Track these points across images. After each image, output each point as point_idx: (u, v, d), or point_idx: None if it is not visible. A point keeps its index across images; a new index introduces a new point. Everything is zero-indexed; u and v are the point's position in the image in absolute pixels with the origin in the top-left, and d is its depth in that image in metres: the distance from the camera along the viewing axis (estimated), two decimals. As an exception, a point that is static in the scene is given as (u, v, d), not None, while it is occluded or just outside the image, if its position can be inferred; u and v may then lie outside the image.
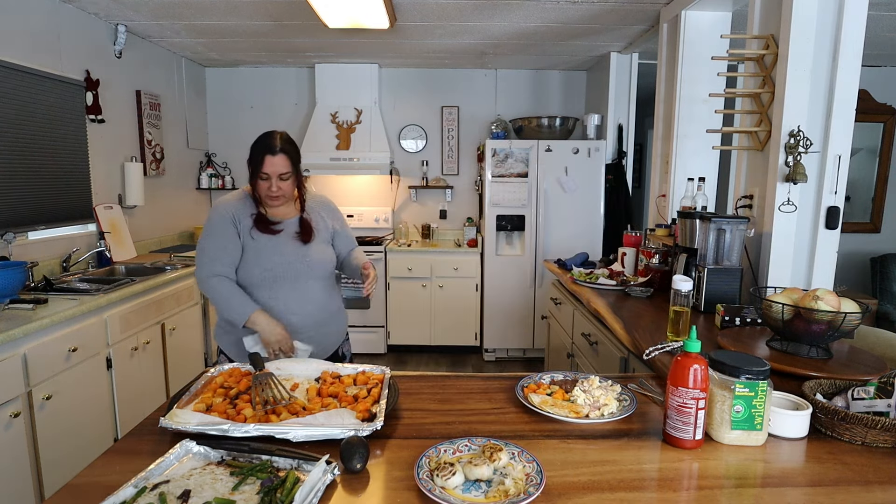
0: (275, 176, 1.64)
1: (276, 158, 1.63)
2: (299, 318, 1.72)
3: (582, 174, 4.07)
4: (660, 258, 2.46)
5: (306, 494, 0.84)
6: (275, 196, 1.67)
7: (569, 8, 3.07)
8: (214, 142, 4.76)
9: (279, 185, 1.65)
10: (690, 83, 2.87)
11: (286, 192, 1.69)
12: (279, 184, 1.65)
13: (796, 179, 1.93)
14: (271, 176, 1.64)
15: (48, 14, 2.85)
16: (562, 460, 1.00)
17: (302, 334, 1.72)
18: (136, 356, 2.65)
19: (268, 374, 1.25)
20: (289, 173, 1.66)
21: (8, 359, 1.88)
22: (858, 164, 4.46)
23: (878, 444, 1.05)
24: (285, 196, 1.69)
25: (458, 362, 4.33)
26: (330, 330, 1.84)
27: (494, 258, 4.20)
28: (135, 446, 1.05)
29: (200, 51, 4.09)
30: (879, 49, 3.91)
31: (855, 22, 1.96)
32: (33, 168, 2.75)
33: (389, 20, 3.08)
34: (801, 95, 1.97)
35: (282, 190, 1.66)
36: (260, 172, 1.64)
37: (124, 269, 3.13)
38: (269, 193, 1.66)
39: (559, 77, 4.73)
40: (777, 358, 1.38)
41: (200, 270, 1.68)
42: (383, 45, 3.92)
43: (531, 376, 1.36)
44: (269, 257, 1.68)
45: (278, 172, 1.63)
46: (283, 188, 1.67)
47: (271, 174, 1.63)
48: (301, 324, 1.73)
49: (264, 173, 1.63)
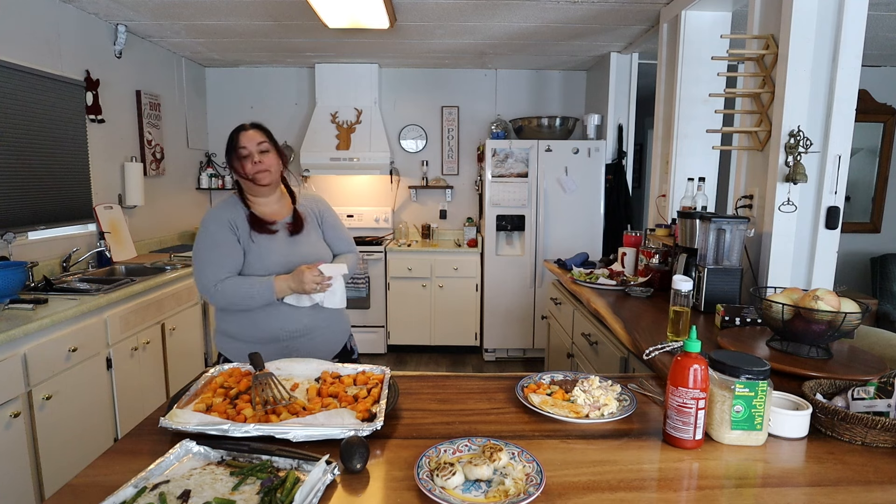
0: (253, 147, 1.63)
1: (249, 132, 1.65)
2: (307, 316, 1.71)
3: (582, 174, 4.07)
4: (660, 258, 2.46)
5: (306, 494, 0.84)
6: (260, 170, 1.64)
7: (569, 8, 3.07)
8: (214, 142, 4.76)
9: (261, 158, 1.64)
10: (690, 83, 2.87)
11: (271, 166, 1.66)
12: (260, 157, 1.64)
13: (796, 179, 1.93)
14: (250, 150, 1.63)
15: (48, 14, 2.85)
16: (562, 460, 1.00)
17: (310, 334, 1.71)
18: (136, 356, 2.65)
19: (268, 374, 1.25)
20: (266, 143, 1.66)
21: (8, 359, 1.88)
22: (858, 164, 4.46)
23: (878, 444, 1.05)
24: (271, 171, 1.67)
25: (458, 362, 4.33)
26: (335, 327, 1.82)
27: (494, 258, 4.20)
28: (135, 446, 1.05)
29: (200, 51, 4.09)
30: (879, 49, 3.91)
31: (855, 22, 1.96)
32: (33, 168, 2.75)
33: (389, 20, 3.08)
34: (801, 95, 1.97)
35: (264, 164, 1.64)
36: (238, 148, 1.64)
37: (124, 269, 3.13)
38: (255, 169, 1.64)
39: (559, 77, 4.73)
40: (777, 358, 1.38)
41: (205, 281, 1.63)
42: (383, 45, 3.92)
43: (531, 376, 1.36)
44: (270, 258, 1.67)
45: (255, 142, 1.64)
46: (266, 161, 1.65)
47: (249, 146, 1.63)
48: (310, 321, 1.71)
49: (242, 147, 1.63)
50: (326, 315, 1.76)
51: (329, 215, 1.86)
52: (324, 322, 1.76)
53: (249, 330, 1.69)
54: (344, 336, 1.87)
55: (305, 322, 1.71)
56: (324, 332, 1.76)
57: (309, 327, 1.72)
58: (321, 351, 1.76)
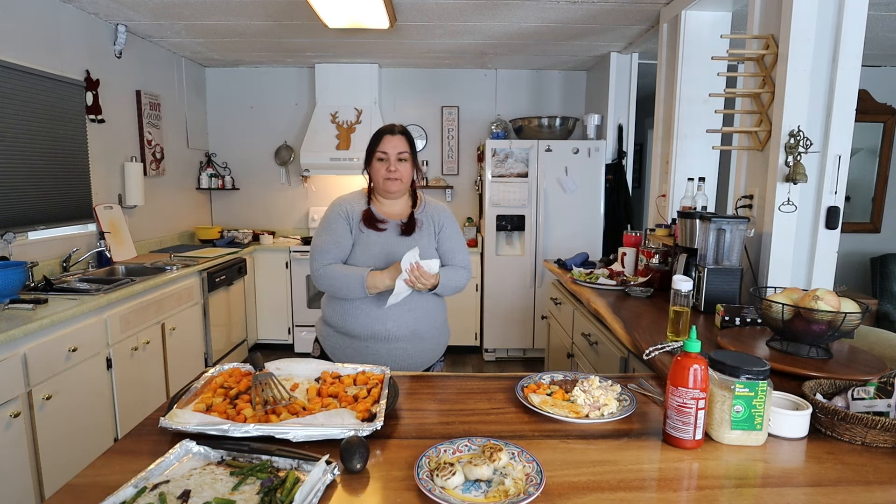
0: (393, 155, 1.66)
1: (395, 138, 1.67)
2: (395, 325, 1.68)
3: (582, 174, 4.07)
4: (660, 258, 2.46)
5: (306, 494, 0.84)
6: (392, 177, 1.67)
7: (569, 8, 3.07)
8: (214, 142, 4.76)
9: (397, 167, 1.66)
10: (690, 83, 2.87)
11: (403, 176, 1.68)
12: (397, 165, 1.66)
13: (796, 179, 1.93)
14: (389, 155, 1.66)
15: (48, 14, 2.85)
16: (562, 460, 1.00)
17: (394, 343, 1.68)
18: (136, 356, 2.65)
19: (268, 374, 1.25)
20: (406, 153, 1.68)
21: (8, 359, 1.88)
22: (858, 164, 4.46)
23: (877, 444, 1.05)
24: (402, 181, 1.69)
25: (458, 362, 4.33)
26: (426, 345, 1.76)
27: (494, 258, 4.20)
28: (135, 446, 1.05)
29: (200, 51, 4.09)
30: (879, 49, 3.91)
31: (855, 22, 1.96)
32: (33, 168, 2.75)
33: (389, 20, 3.08)
34: (801, 95, 1.97)
35: (399, 172, 1.67)
36: (377, 151, 1.67)
37: (124, 269, 3.13)
38: (388, 175, 1.66)
39: (559, 77, 4.73)
40: (777, 358, 1.38)
41: (314, 264, 1.69)
42: (383, 45, 3.92)
43: (531, 376, 1.36)
44: (373, 252, 1.68)
45: (397, 150, 1.66)
46: (401, 170, 1.67)
47: (389, 152, 1.66)
48: (397, 331, 1.68)
49: (382, 151, 1.66)
50: (419, 329, 1.72)
51: (450, 227, 1.82)
52: (414, 335, 1.71)
53: (340, 319, 1.70)
54: (433, 356, 1.83)
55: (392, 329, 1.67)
56: (409, 347, 1.71)
57: (395, 334, 1.68)
58: (415, 361, 1.74)
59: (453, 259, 1.80)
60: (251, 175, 4.80)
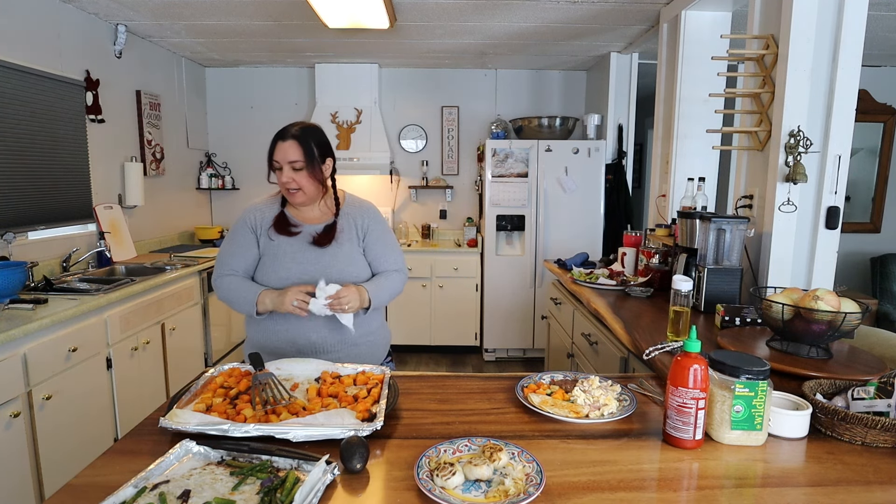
0: (285, 164, 1.53)
1: (285, 144, 1.52)
2: (319, 337, 1.58)
3: (582, 174, 4.07)
4: (660, 258, 2.46)
5: (306, 494, 0.84)
6: (291, 190, 1.55)
7: (569, 8, 3.07)
8: (214, 142, 4.76)
9: (291, 177, 1.53)
10: (690, 83, 2.87)
11: (304, 187, 1.55)
12: (291, 174, 1.53)
13: (796, 179, 1.93)
14: (282, 164, 1.53)
15: (48, 14, 2.85)
16: (562, 460, 1.00)
17: (324, 355, 1.58)
18: (136, 356, 2.65)
19: (268, 374, 1.25)
20: (300, 162, 1.52)
21: (8, 359, 1.88)
22: (858, 164, 4.46)
23: (878, 444, 1.05)
24: (305, 193, 1.56)
25: (458, 362, 4.33)
26: (362, 350, 1.65)
27: (494, 258, 4.20)
28: (135, 446, 1.05)
29: (200, 51, 4.09)
30: (879, 49, 3.91)
31: (855, 22, 1.96)
32: (33, 168, 2.75)
33: (389, 20, 3.08)
34: (801, 95, 1.97)
35: (296, 182, 1.54)
36: (273, 159, 1.55)
37: (124, 269, 3.13)
38: (284, 186, 1.55)
39: (559, 77, 4.73)
40: (777, 358, 1.38)
41: (213, 275, 1.63)
42: (383, 45, 3.92)
43: (531, 376, 1.36)
44: (284, 263, 1.58)
45: (287, 160, 1.52)
46: (298, 181, 1.54)
47: (281, 161, 1.53)
48: (322, 342, 1.59)
49: (275, 161, 1.54)
50: (348, 338, 1.61)
51: (376, 229, 1.68)
52: (343, 344, 1.61)
53: (262, 337, 1.61)
54: (383, 351, 1.76)
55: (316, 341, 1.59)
56: (344, 358, 1.60)
57: (321, 347, 1.59)
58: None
59: (384, 264, 1.68)
60: (251, 175, 4.80)
